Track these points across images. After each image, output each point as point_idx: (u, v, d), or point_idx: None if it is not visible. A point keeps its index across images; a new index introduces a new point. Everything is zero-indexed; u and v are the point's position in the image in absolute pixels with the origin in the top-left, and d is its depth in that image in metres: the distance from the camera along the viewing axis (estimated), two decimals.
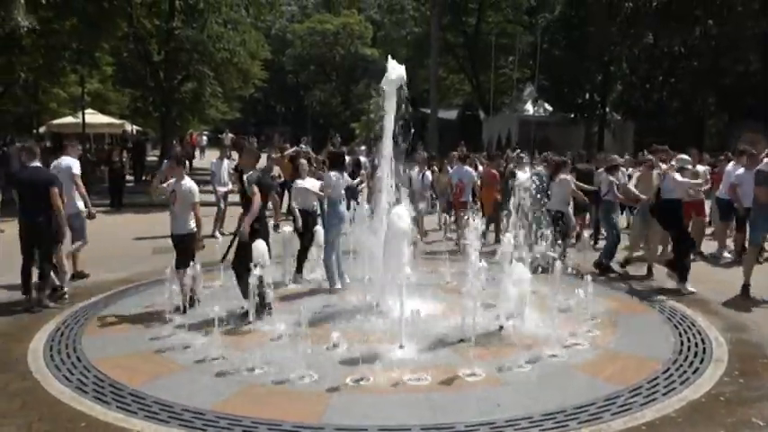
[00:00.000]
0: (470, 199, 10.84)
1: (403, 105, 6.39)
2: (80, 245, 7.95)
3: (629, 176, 9.75)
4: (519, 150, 15.26)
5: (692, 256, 8.23)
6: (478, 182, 11.45)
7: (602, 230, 10.31)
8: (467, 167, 11.04)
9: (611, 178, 8.96)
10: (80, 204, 7.85)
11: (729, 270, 8.84)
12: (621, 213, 10.86)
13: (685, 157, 8.38)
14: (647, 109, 28.14)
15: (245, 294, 6.16)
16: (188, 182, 6.61)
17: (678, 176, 7.80)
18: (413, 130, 6.71)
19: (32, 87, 22.46)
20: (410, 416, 4.27)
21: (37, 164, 7.09)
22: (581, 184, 9.73)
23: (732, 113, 27.23)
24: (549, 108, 30.03)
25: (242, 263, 6.12)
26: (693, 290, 7.52)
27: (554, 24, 29.46)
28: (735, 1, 24.88)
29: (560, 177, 8.93)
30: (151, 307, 6.66)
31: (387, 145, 6.72)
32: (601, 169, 9.94)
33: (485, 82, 34.03)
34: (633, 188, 8.64)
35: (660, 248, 8.71)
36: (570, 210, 9.16)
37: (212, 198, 11.92)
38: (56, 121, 27.20)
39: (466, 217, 11.14)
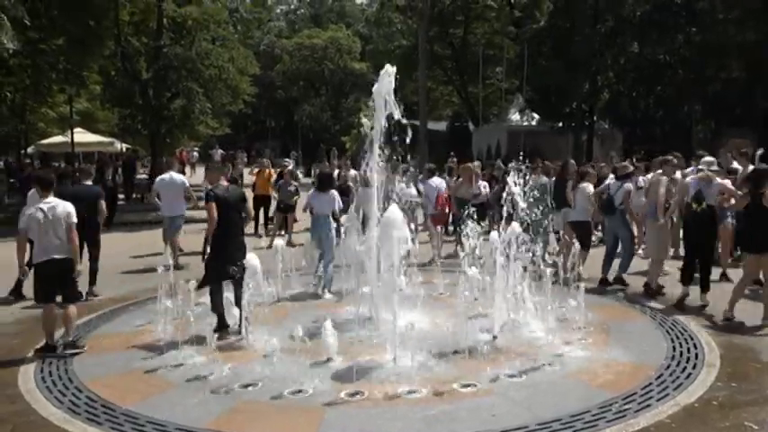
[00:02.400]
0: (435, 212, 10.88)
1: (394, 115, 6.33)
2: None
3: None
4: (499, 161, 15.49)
5: None
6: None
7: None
8: (437, 179, 11.14)
9: (629, 187, 8.63)
10: (182, 207, 10.28)
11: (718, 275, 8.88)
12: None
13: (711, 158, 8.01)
14: (635, 117, 28.42)
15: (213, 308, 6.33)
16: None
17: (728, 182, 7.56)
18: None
19: (20, 107, 22.40)
20: (405, 429, 4.26)
21: (89, 182, 8.65)
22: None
23: (718, 120, 27.52)
24: (538, 118, 30.27)
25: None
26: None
27: (540, 35, 29.76)
28: (717, 9, 25.25)
29: (581, 186, 8.71)
30: (143, 326, 6.62)
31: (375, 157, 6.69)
32: (610, 177, 9.83)
33: (473, 93, 34.29)
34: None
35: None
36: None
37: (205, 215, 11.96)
38: (44, 141, 27.11)
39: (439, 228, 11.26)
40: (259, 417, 4.49)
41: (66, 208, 5.94)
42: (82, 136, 25.42)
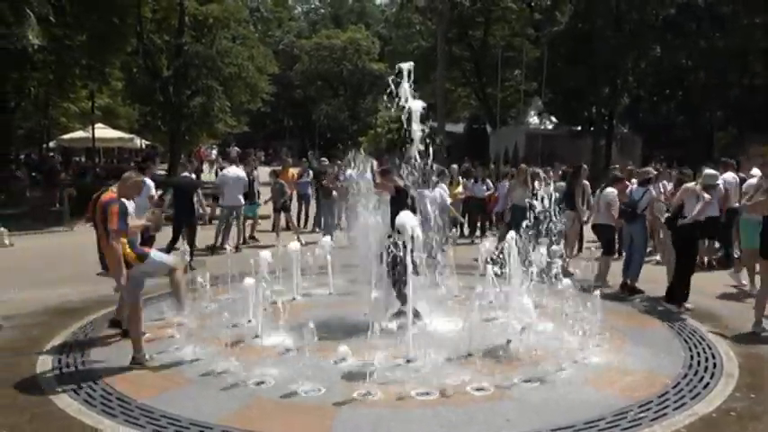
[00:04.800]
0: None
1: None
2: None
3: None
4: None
5: None
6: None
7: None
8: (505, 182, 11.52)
9: (653, 193, 8.62)
10: (241, 199, 11.84)
11: (733, 285, 8.75)
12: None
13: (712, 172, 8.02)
14: (655, 122, 28.13)
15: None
16: None
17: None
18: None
19: (43, 102, 22.74)
20: (418, 431, 4.25)
21: (186, 174, 10.44)
22: None
23: (741, 126, 27.14)
24: (556, 121, 30.06)
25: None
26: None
27: (560, 37, 29.57)
28: (740, 14, 24.91)
29: (606, 191, 8.62)
30: (160, 320, 6.67)
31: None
32: (634, 182, 9.77)
33: (492, 95, 34.12)
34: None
35: None
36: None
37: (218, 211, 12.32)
38: (66, 136, 27.50)
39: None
40: (272, 414, 4.51)
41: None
42: (103, 131, 25.73)
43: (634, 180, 10.04)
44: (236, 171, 12.12)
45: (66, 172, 22.72)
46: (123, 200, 5.39)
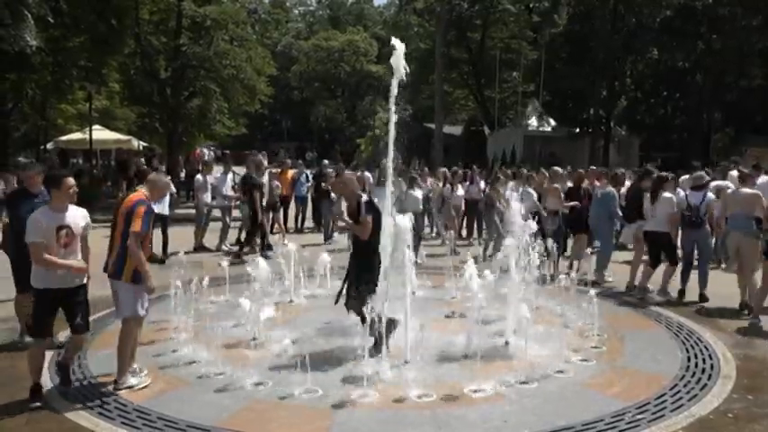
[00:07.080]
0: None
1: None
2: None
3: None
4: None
5: None
6: None
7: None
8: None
9: (712, 197, 8.20)
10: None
11: (736, 286, 8.75)
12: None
13: None
14: (652, 124, 28.22)
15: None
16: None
17: None
18: None
19: (40, 104, 22.68)
20: None
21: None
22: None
23: (738, 128, 27.23)
24: (554, 123, 30.11)
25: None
26: None
27: (558, 39, 29.63)
28: (737, 16, 24.99)
29: (664, 195, 8.10)
30: (156, 323, 6.65)
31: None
32: (679, 188, 9.49)
33: (490, 97, 34.18)
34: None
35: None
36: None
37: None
38: (63, 138, 27.42)
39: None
40: (270, 416, 4.50)
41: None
42: (100, 133, 25.66)
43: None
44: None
45: None
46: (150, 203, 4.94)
